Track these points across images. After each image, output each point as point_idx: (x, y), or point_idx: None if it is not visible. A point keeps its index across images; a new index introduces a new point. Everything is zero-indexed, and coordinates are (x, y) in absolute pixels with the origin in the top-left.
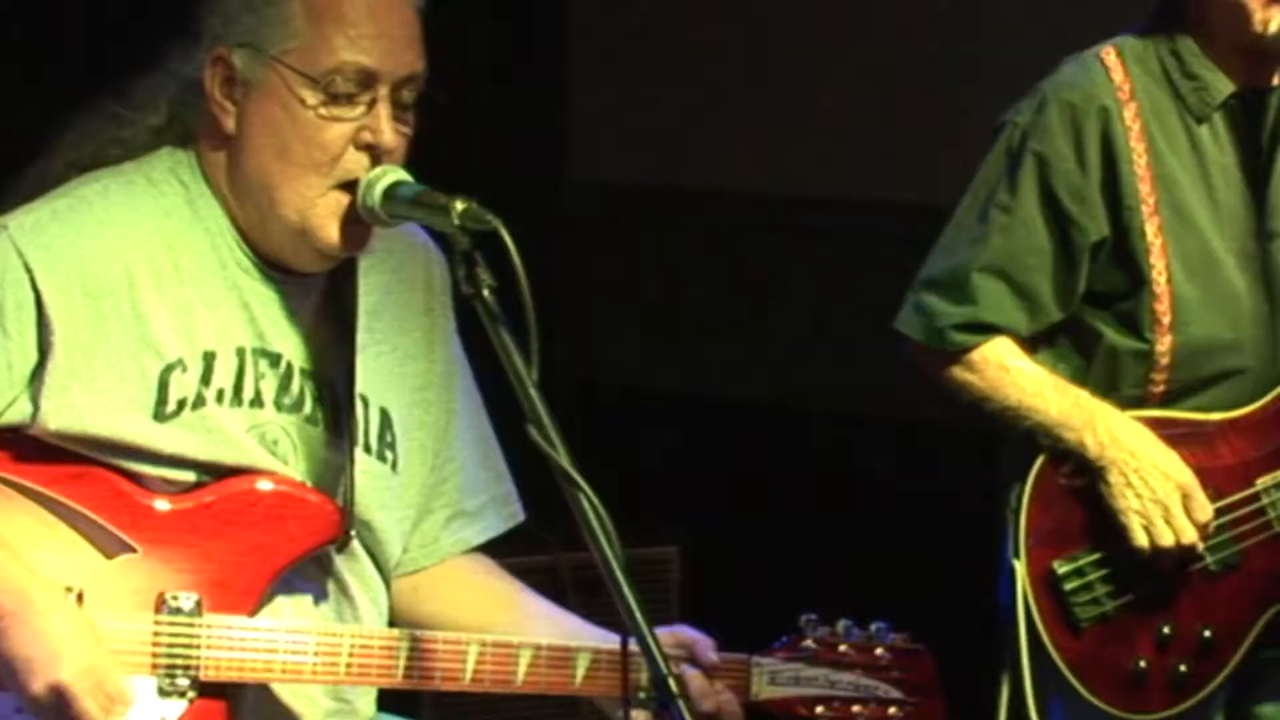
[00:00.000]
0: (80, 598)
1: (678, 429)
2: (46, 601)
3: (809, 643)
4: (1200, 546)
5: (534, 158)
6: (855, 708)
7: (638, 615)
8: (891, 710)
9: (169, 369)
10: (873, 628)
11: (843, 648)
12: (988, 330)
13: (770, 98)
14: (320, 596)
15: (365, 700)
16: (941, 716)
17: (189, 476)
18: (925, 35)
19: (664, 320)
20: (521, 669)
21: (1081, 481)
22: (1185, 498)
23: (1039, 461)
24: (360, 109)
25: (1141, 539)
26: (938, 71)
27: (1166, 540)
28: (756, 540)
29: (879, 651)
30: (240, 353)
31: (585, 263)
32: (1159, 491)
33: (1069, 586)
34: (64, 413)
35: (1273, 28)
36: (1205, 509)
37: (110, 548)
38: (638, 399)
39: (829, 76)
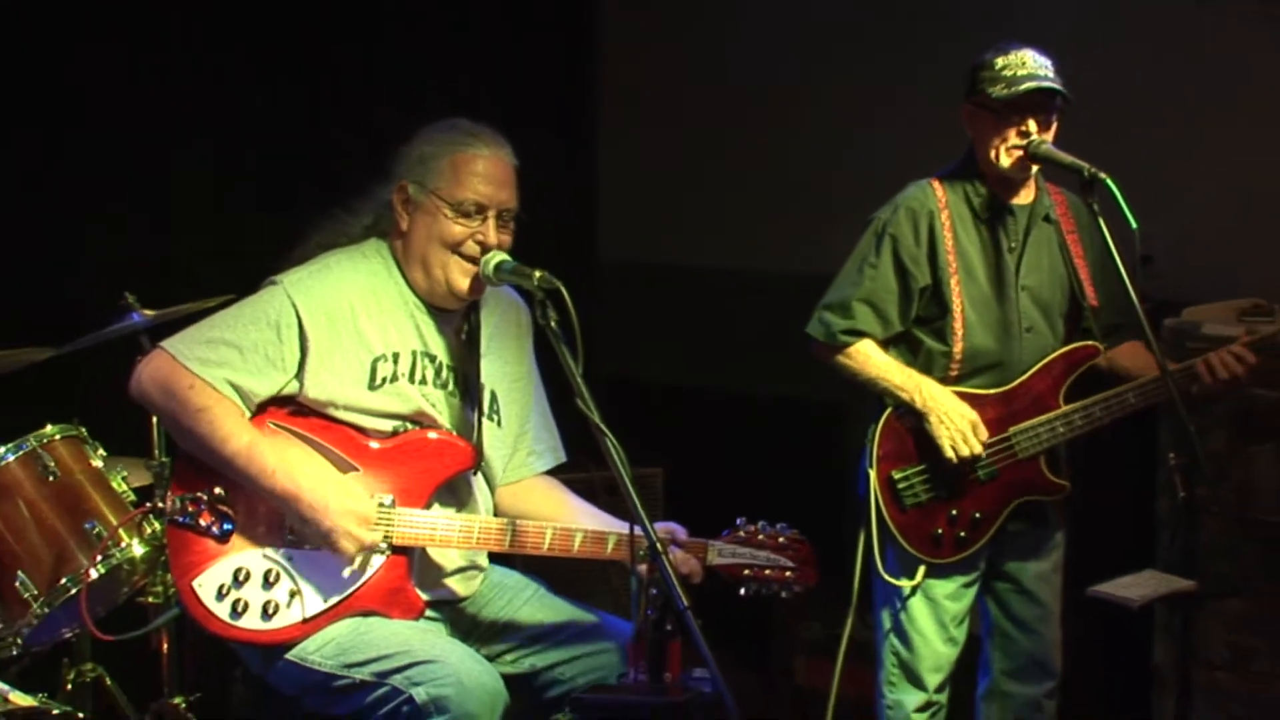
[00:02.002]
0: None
1: (674, 410)
2: (311, 481)
3: (741, 533)
4: (982, 456)
5: (577, 240)
6: (767, 571)
7: (639, 508)
8: (787, 573)
9: (376, 360)
10: (778, 525)
11: (760, 536)
12: (860, 334)
13: (776, 188)
14: (460, 499)
15: (482, 559)
16: (815, 579)
17: (387, 427)
18: (854, 163)
19: (673, 322)
20: (576, 543)
21: (911, 424)
22: (973, 428)
23: (885, 413)
24: (478, 221)
25: (950, 452)
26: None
27: (964, 451)
28: (707, 467)
29: (781, 539)
30: (414, 354)
31: (608, 306)
32: (959, 424)
33: (900, 486)
34: (318, 387)
35: (1003, 161)
36: (983, 433)
37: (343, 468)
38: (649, 394)
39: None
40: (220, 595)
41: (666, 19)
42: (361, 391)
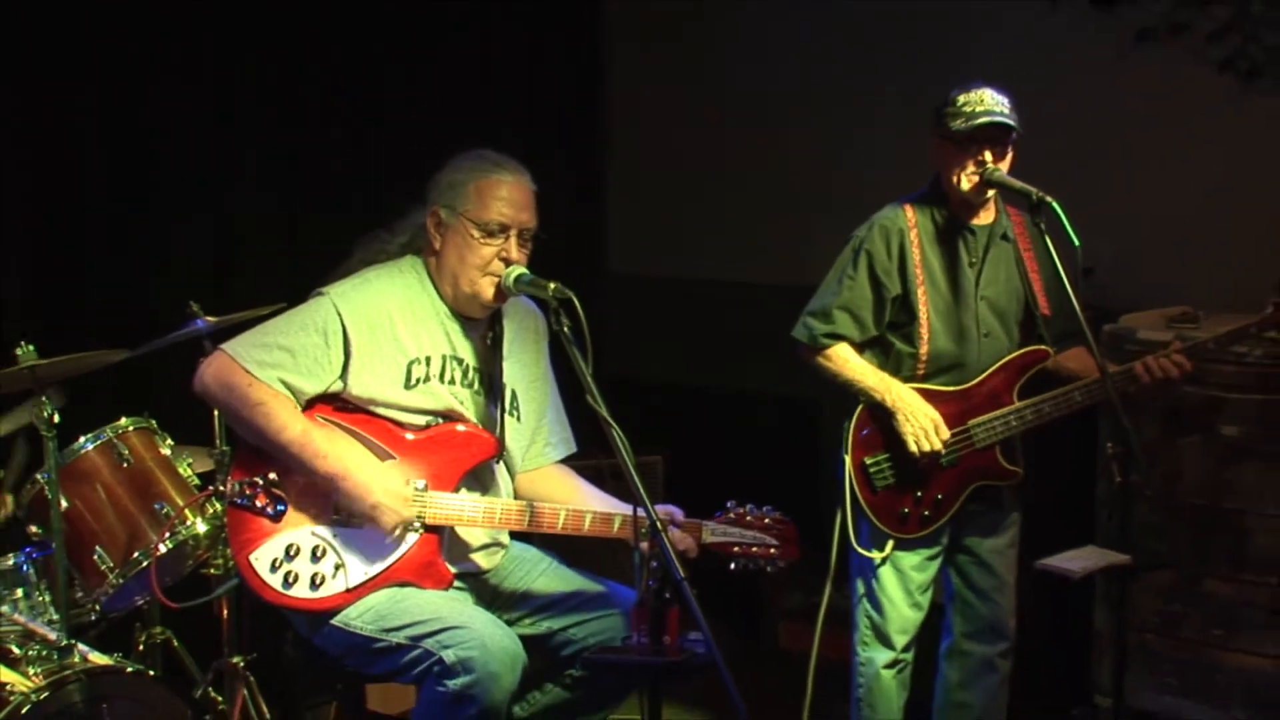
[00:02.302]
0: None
1: (673, 406)
2: (357, 465)
3: (731, 515)
4: (942, 451)
5: (587, 255)
6: (754, 548)
7: (641, 491)
8: (772, 550)
9: (411, 362)
10: (764, 508)
11: (749, 518)
12: (839, 338)
13: (770, 208)
14: (484, 484)
15: (504, 536)
16: (797, 555)
17: (421, 421)
18: (837, 185)
19: (674, 327)
20: (586, 523)
21: (882, 418)
22: (935, 426)
23: (859, 408)
24: (501, 240)
25: (913, 447)
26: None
27: (925, 447)
28: (706, 458)
29: (767, 520)
30: (444, 357)
31: (617, 314)
32: (922, 423)
33: (872, 470)
34: (360, 386)
35: (963, 186)
36: (945, 432)
37: (382, 456)
38: (652, 392)
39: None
40: (274, 568)
41: (670, 37)
42: (398, 390)
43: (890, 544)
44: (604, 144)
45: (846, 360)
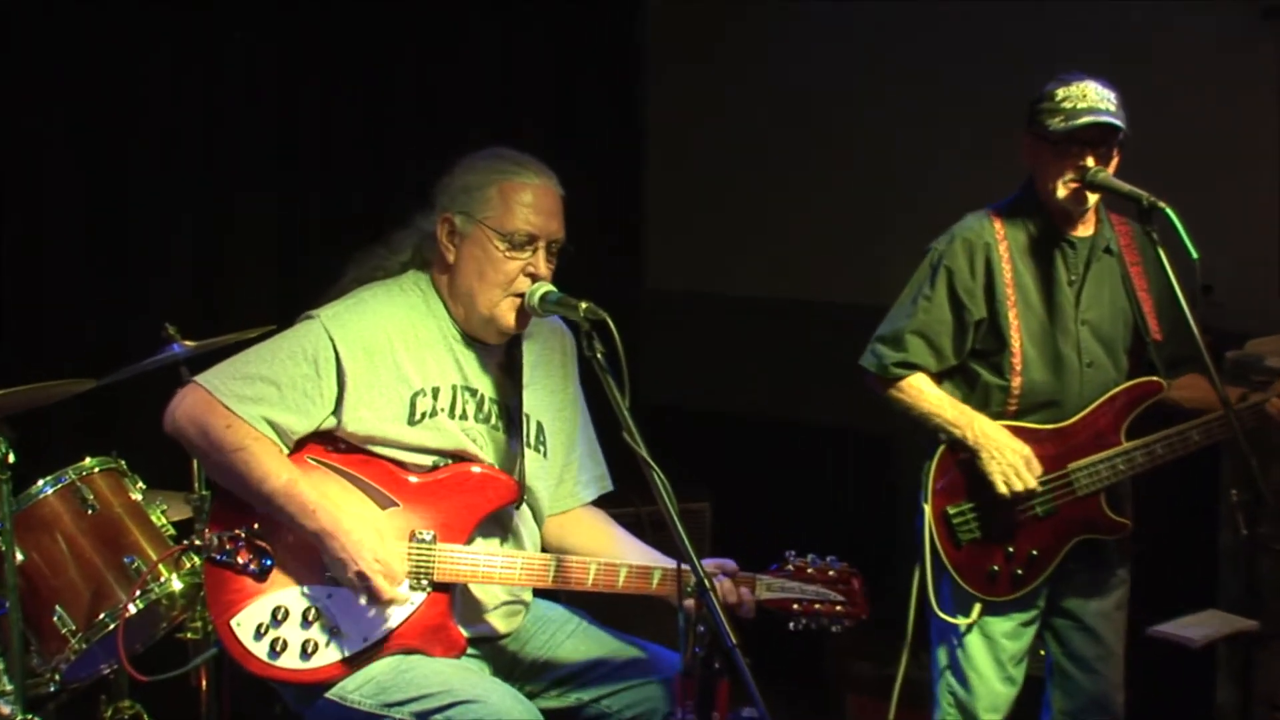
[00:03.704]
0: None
1: (720, 440)
2: (350, 522)
3: (790, 567)
4: (1037, 490)
5: (622, 270)
6: (817, 605)
7: (686, 542)
8: (838, 607)
9: (415, 394)
10: (828, 558)
11: (810, 570)
12: (913, 367)
13: (827, 216)
14: (503, 534)
15: (526, 594)
16: (866, 612)
17: (427, 462)
18: (909, 192)
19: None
20: (620, 579)
21: (966, 460)
22: (1026, 462)
23: (940, 448)
24: (528, 253)
25: (1003, 488)
26: (899, 215)
27: (1017, 487)
28: (755, 501)
29: (831, 573)
30: (454, 388)
31: (655, 338)
32: (1011, 459)
33: (955, 521)
34: (356, 422)
35: (1060, 194)
36: (1037, 469)
37: (383, 503)
38: (695, 422)
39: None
40: (259, 634)
41: (710, 49)
42: (401, 427)
43: (977, 608)
44: (640, 146)
45: (921, 392)
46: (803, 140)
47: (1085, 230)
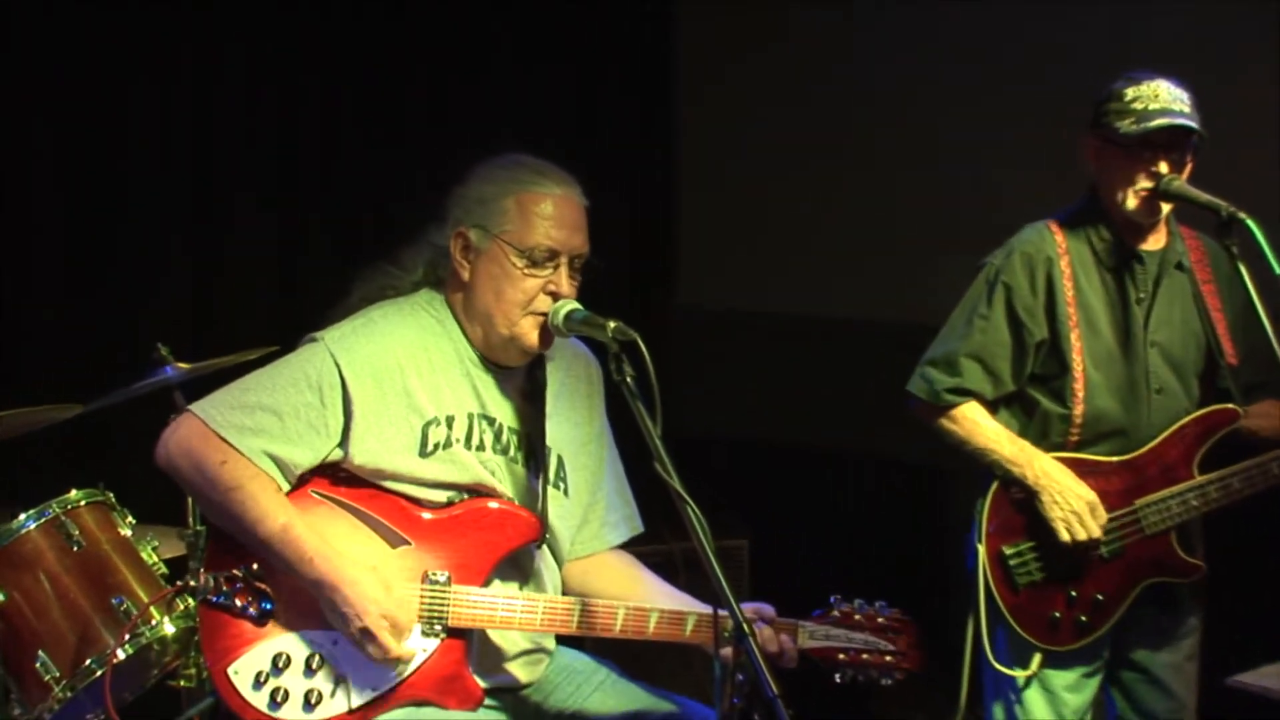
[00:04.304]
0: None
1: (758, 472)
2: (353, 572)
3: (835, 613)
4: (1101, 539)
5: (652, 286)
6: (864, 655)
7: (724, 584)
8: (888, 658)
9: (427, 424)
10: (876, 604)
11: (857, 616)
12: (967, 394)
13: (873, 229)
14: (523, 576)
15: (548, 641)
16: (919, 664)
17: (441, 497)
18: (961, 203)
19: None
20: (651, 625)
21: (1023, 498)
22: (1090, 509)
23: (994, 485)
24: (549, 270)
25: (1065, 535)
26: (950, 227)
27: (1080, 536)
28: (797, 539)
29: (880, 620)
30: (470, 416)
31: (689, 360)
32: (1074, 505)
33: (1012, 563)
34: (364, 454)
35: (1129, 204)
36: (1102, 516)
37: (394, 541)
38: (732, 452)
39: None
40: (258, 683)
41: (746, 55)
42: (412, 459)
43: (1037, 658)
44: (672, 151)
45: (976, 423)
46: (846, 147)
47: (1155, 243)
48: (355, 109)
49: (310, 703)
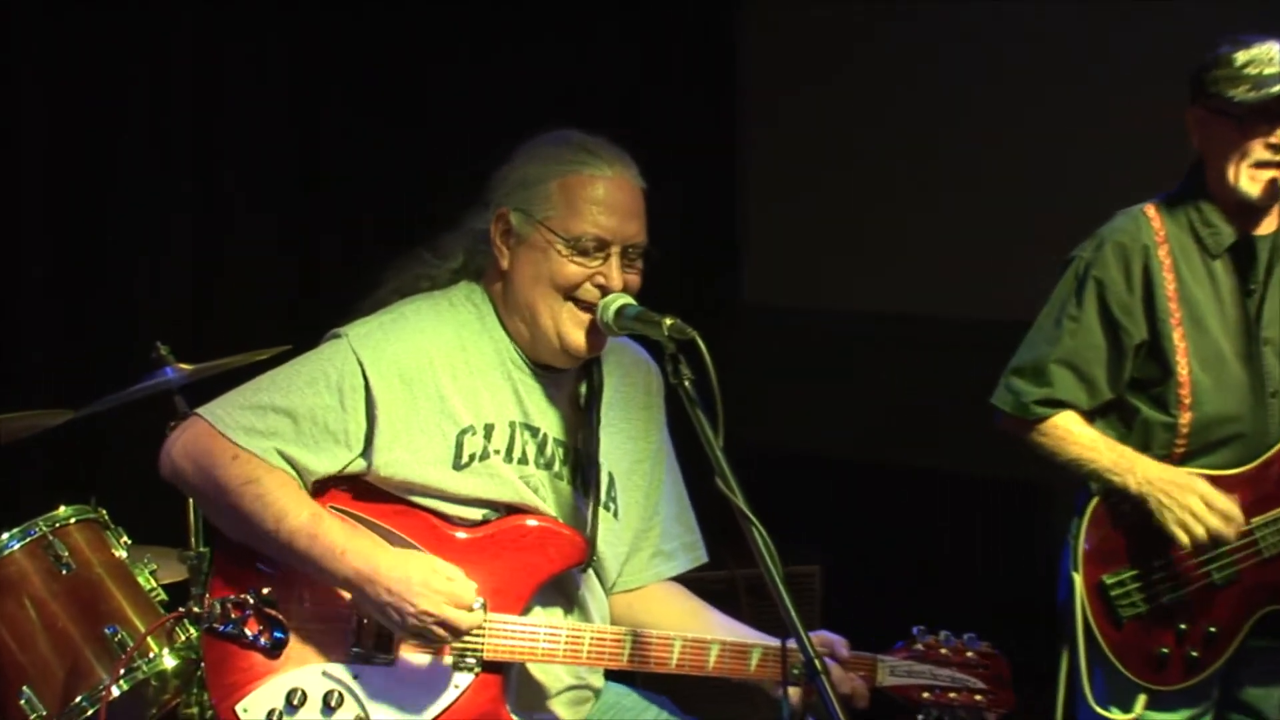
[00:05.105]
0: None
1: (830, 488)
2: (390, 558)
3: (919, 646)
4: (1227, 535)
5: (718, 286)
6: (951, 694)
7: (793, 614)
8: (977, 697)
9: (463, 432)
10: (964, 637)
11: (943, 650)
12: (1059, 405)
13: (953, 220)
14: (566, 604)
15: (595, 677)
16: (1012, 704)
17: (476, 514)
18: (1042, 189)
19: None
20: (711, 659)
21: (1128, 514)
22: (1205, 501)
23: (1093, 502)
24: (598, 260)
25: (1184, 537)
26: (1036, 219)
27: (1199, 532)
28: (875, 564)
29: (969, 654)
30: (511, 425)
31: (756, 364)
32: (1186, 501)
33: (1114, 593)
34: (391, 465)
35: (1243, 183)
36: (1222, 501)
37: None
38: (802, 467)
39: (972, 212)
40: None
41: (818, 35)
42: (445, 472)
43: (1141, 700)
44: (736, 132)
45: (1069, 431)
46: (924, 129)
47: (1267, 227)
48: (377, 81)
49: None
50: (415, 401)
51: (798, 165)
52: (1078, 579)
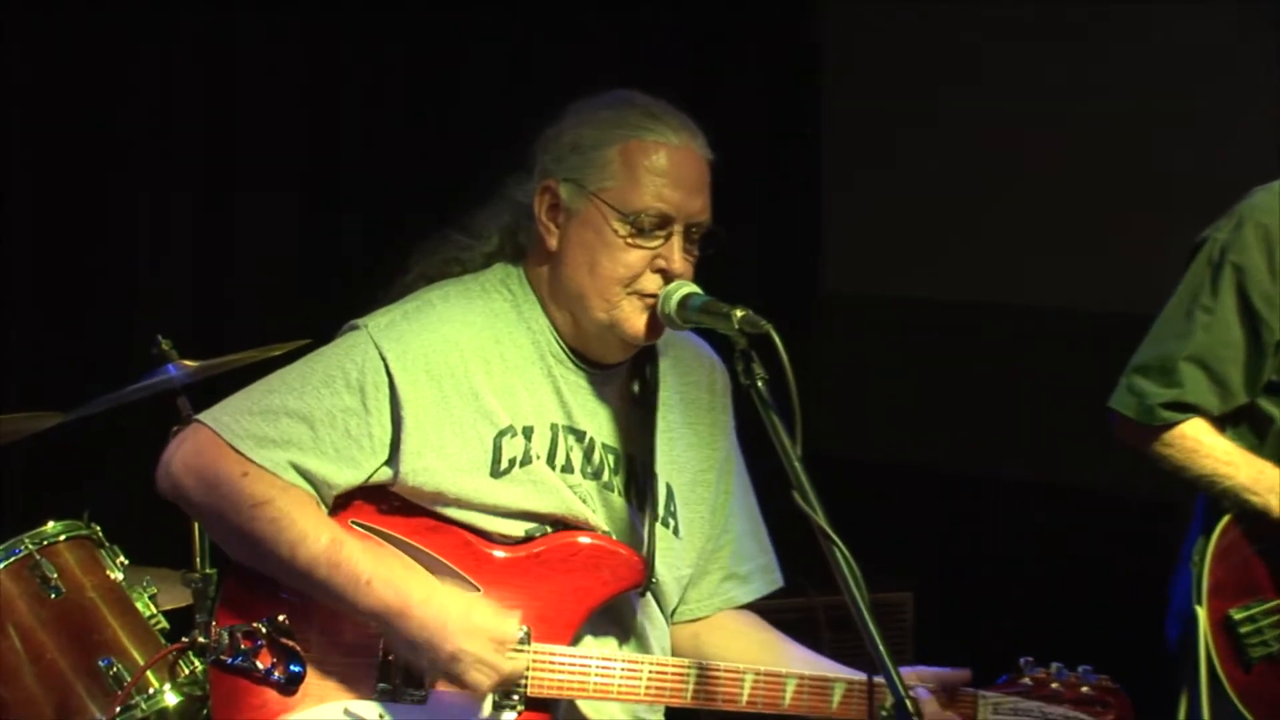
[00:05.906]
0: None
1: (923, 503)
2: (423, 590)
3: (1026, 680)
4: None
5: (795, 275)
6: None
7: (881, 647)
8: None
9: (500, 434)
10: (1079, 669)
11: (1054, 685)
12: (1189, 409)
13: (1062, 198)
14: (622, 633)
15: (654, 715)
16: None
17: (518, 530)
18: (1134, 173)
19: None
20: (788, 695)
21: (1261, 540)
22: None
23: (1222, 522)
24: (659, 241)
25: None
26: (1137, 200)
27: None
28: (975, 590)
29: (1085, 690)
30: (553, 428)
31: (836, 361)
32: None
33: (1243, 630)
34: (421, 474)
35: None
36: None
37: (458, 587)
38: (891, 481)
39: (1055, 202)
40: None
41: (904, 23)
42: (481, 480)
43: None
44: (818, 102)
45: (1200, 442)
46: (1025, 97)
47: None
48: (399, 53)
49: None
50: (446, 400)
51: (883, 144)
52: (1201, 613)
